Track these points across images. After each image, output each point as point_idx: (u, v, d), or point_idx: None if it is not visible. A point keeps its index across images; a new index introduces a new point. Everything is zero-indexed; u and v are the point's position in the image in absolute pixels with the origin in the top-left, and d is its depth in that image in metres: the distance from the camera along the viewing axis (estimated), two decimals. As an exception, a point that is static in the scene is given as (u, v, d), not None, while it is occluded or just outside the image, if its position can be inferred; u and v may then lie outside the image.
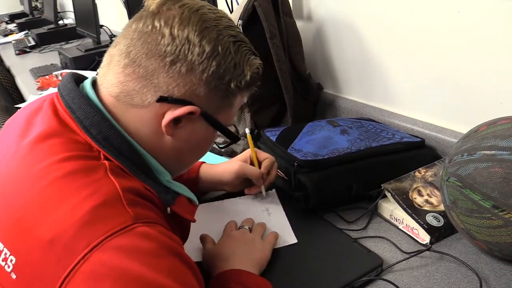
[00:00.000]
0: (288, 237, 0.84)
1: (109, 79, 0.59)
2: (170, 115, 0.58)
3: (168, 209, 0.60)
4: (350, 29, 1.21)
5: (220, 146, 0.79)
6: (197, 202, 0.67)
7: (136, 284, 0.46)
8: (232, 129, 0.66)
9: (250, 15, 1.10)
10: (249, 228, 0.84)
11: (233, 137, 0.66)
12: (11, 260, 0.49)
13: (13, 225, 0.51)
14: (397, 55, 1.12)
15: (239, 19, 1.10)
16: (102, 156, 0.56)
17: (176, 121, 0.59)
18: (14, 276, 0.49)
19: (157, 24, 0.57)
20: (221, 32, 0.59)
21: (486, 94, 0.95)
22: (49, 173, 0.53)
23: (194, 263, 0.54)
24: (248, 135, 0.96)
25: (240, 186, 0.96)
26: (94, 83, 0.63)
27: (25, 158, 0.56)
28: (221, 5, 1.54)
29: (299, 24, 1.27)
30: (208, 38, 0.58)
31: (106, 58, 0.61)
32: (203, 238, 0.82)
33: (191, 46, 0.57)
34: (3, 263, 0.50)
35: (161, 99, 0.57)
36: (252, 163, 0.94)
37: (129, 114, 0.59)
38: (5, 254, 0.50)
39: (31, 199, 0.52)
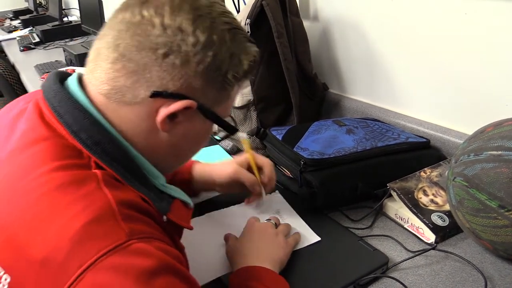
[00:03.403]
0: (310, 236, 0.83)
1: (98, 76, 0.55)
2: (165, 110, 0.55)
3: (164, 217, 0.56)
4: (356, 29, 1.22)
5: (217, 138, 0.73)
6: (192, 205, 0.64)
7: None
8: (229, 120, 0.63)
9: (258, 14, 1.10)
10: (275, 223, 0.82)
11: (232, 129, 0.64)
12: (6, 279, 0.47)
13: (4, 243, 0.48)
14: (402, 56, 1.12)
15: (247, 18, 1.10)
16: (93, 164, 0.52)
17: (172, 116, 0.56)
18: None
19: (145, 13, 0.53)
20: (215, 20, 0.56)
21: (492, 96, 0.95)
22: (39, 186, 0.49)
23: (192, 277, 0.52)
24: (243, 140, 0.93)
25: (233, 190, 0.92)
26: (80, 80, 0.59)
27: (11, 169, 0.53)
28: (228, 5, 1.55)
29: (306, 24, 1.28)
30: (202, 27, 0.54)
31: (92, 53, 0.57)
32: (226, 237, 0.81)
33: (184, 36, 0.53)
34: None
35: (155, 94, 0.54)
36: (249, 168, 0.90)
37: (121, 112, 0.55)
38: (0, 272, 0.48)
39: (21, 215, 0.49)
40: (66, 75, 0.62)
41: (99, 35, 0.57)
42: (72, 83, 0.58)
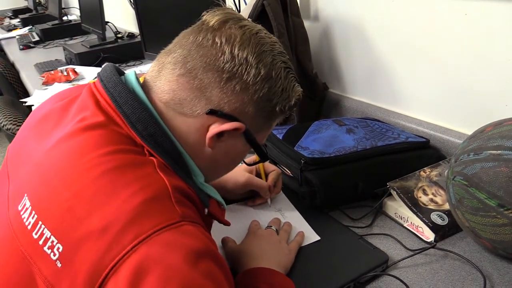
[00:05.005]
0: (311, 235, 0.84)
1: (160, 85, 0.61)
2: (216, 128, 0.60)
3: (206, 210, 0.60)
4: (356, 29, 1.22)
5: (248, 164, 0.78)
6: (225, 206, 0.68)
7: (178, 282, 0.46)
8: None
9: (259, 14, 1.11)
10: (276, 229, 0.84)
11: (265, 157, 0.69)
12: (58, 248, 0.49)
13: (62, 214, 0.51)
14: (403, 56, 1.13)
15: (248, 18, 1.11)
16: (146, 152, 0.57)
17: (219, 135, 0.61)
18: (59, 264, 0.49)
19: (218, 40, 0.59)
20: (275, 57, 0.62)
21: (491, 96, 0.96)
22: (99, 164, 0.53)
23: (227, 265, 0.55)
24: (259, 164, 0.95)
25: (242, 195, 0.96)
26: (137, 81, 0.63)
27: (69, 148, 0.56)
28: (229, 5, 1.56)
29: (306, 24, 1.28)
30: (265, 61, 0.60)
31: (156, 64, 0.63)
32: (223, 240, 0.82)
33: (248, 67, 0.59)
34: (48, 251, 0.50)
35: (211, 112, 0.59)
36: (257, 174, 0.95)
37: (175, 121, 0.60)
38: (52, 242, 0.50)
39: (81, 189, 0.52)
40: (120, 70, 0.66)
41: (166, 50, 0.63)
42: (131, 79, 0.62)
